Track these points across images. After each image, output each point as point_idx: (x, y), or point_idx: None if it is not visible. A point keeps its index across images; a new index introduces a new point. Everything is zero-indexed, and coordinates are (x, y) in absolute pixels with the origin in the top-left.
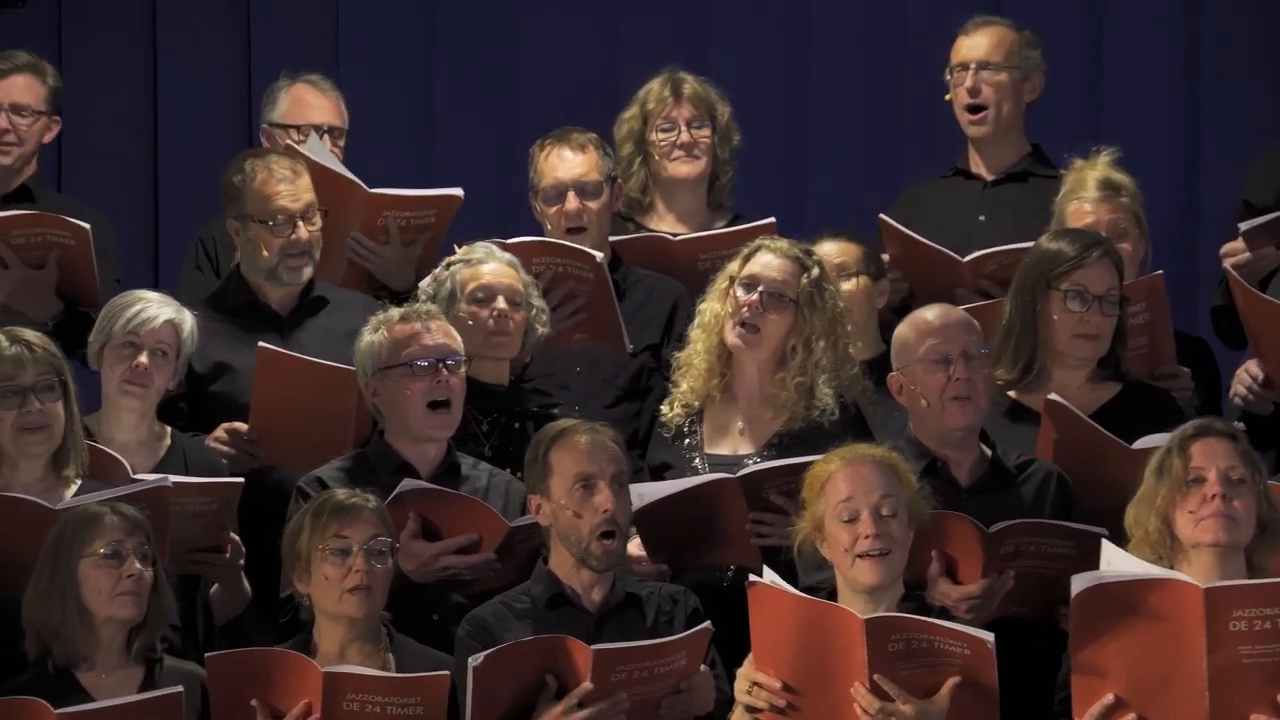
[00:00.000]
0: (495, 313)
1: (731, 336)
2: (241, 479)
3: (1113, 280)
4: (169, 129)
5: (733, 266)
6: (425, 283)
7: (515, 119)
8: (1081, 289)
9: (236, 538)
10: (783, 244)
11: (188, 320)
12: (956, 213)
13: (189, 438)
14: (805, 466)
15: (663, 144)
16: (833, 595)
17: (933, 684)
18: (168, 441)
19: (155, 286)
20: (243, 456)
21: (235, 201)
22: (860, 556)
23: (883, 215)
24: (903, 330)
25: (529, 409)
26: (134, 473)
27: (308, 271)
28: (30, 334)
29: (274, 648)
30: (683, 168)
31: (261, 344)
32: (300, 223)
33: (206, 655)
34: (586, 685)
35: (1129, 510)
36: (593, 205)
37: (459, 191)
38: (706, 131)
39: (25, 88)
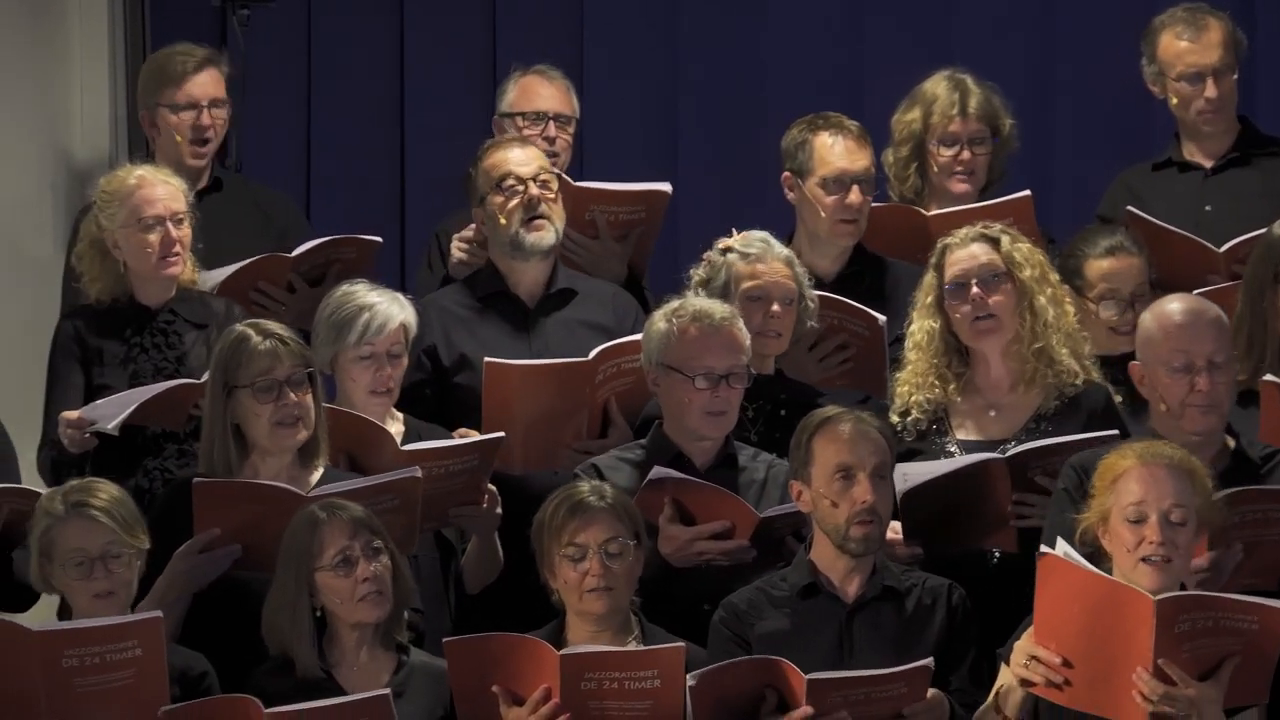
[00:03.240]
0: (769, 315)
1: (974, 339)
2: (502, 434)
3: None
4: (415, 123)
5: (928, 282)
6: (699, 268)
7: (758, 112)
8: None
9: (493, 488)
10: (961, 232)
11: (412, 315)
12: (1180, 205)
13: (421, 423)
14: (1073, 446)
15: (943, 159)
16: None
17: (1211, 659)
18: (403, 428)
19: (401, 281)
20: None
21: (474, 189)
22: (1142, 560)
23: (1131, 209)
24: (1147, 323)
25: (794, 397)
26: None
27: (548, 237)
28: (277, 327)
29: (509, 633)
30: (960, 186)
31: (487, 359)
32: (531, 183)
33: (444, 640)
34: (807, 709)
35: None
36: (867, 199)
37: (667, 186)
38: (986, 148)
39: (215, 81)
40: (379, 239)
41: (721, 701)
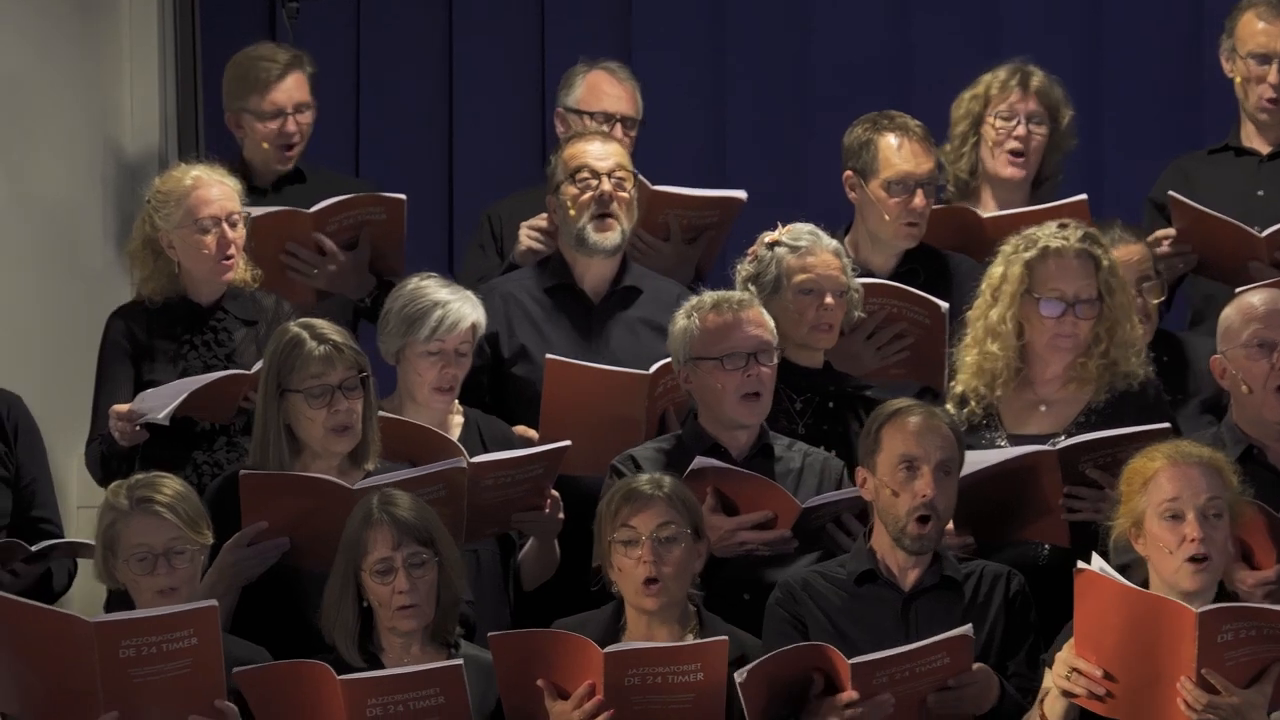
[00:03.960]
0: (821, 307)
1: (1046, 350)
2: (568, 442)
3: None
4: (463, 115)
5: (1016, 274)
6: (745, 263)
7: (806, 105)
8: None
9: (556, 493)
10: (1068, 243)
11: (483, 315)
12: (1232, 189)
13: (481, 413)
14: (1125, 439)
15: (998, 133)
16: (1144, 585)
17: (1255, 665)
18: (461, 419)
19: (449, 268)
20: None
21: (551, 176)
22: (1186, 560)
23: (1172, 193)
24: (1229, 314)
25: (842, 389)
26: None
27: (613, 237)
28: (332, 330)
29: (554, 629)
30: (1007, 169)
31: (549, 356)
32: (604, 178)
33: (490, 635)
34: (851, 694)
35: None
36: (930, 202)
37: (742, 194)
38: (1044, 130)
39: (299, 85)
40: (403, 196)
41: (771, 689)
